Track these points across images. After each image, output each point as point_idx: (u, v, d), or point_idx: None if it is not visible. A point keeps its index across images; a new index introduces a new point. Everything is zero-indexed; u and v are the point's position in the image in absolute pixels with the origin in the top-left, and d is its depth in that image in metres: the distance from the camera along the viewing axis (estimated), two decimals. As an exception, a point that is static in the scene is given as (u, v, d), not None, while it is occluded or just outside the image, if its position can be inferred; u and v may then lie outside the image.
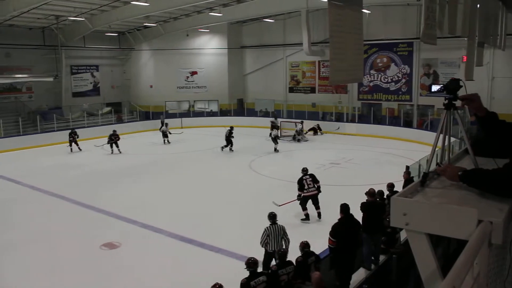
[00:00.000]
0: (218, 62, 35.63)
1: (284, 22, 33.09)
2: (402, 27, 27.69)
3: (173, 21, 32.27)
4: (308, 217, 12.51)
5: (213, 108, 36.02)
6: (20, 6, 22.43)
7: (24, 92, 31.01)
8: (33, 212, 14.26)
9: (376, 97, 29.89)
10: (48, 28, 30.13)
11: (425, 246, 2.12)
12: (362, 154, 22.24)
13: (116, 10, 26.80)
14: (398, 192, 2.34)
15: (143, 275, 9.49)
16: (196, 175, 18.72)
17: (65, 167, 20.73)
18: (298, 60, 33.30)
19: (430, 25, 6.16)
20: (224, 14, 28.36)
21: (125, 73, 37.18)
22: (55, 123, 29.36)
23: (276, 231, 8.59)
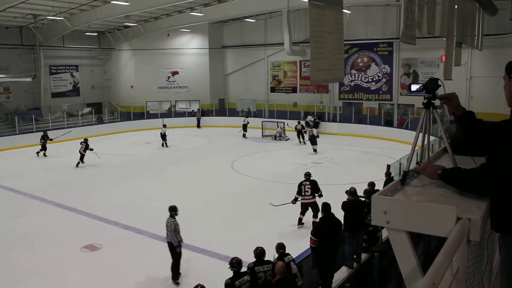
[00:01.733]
0: (200, 62, 35.51)
1: (266, 22, 33.14)
2: (382, 27, 27.98)
3: (154, 21, 32.07)
4: (299, 222, 11.99)
5: (194, 108, 35.86)
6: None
7: (1, 92, 30.44)
8: (12, 214, 14.01)
9: (357, 96, 30.13)
10: (25, 27, 29.66)
11: (406, 244, 2.14)
12: (343, 153, 22.40)
13: (96, 10, 26.52)
14: (379, 191, 2.35)
15: (125, 277, 9.41)
16: (177, 175, 18.63)
17: (45, 169, 20.43)
18: (280, 60, 33.38)
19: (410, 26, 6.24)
20: (205, 14, 28.30)
21: (105, 73, 36.83)
22: (34, 124, 28.89)
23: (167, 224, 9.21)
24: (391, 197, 2.27)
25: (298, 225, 11.94)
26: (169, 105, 35.85)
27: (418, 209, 2.11)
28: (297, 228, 11.78)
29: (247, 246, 7.61)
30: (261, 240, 7.78)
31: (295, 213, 12.77)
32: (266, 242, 7.48)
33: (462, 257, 1.85)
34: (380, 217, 2.18)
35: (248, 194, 15.53)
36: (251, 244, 7.61)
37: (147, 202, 14.75)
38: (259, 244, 7.17)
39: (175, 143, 26.50)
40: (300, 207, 11.98)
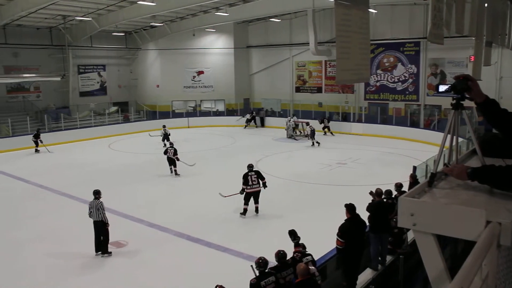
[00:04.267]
0: (225, 61, 35.64)
1: (291, 21, 33.05)
2: (409, 27, 27.59)
3: (180, 21, 32.34)
4: (245, 212, 12.94)
5: (219, 108, 36.06)
6: (28, 7, 22.57)
7: (32, 91, 31.24)
8: (41, 210, 14.34)
9: (383, 97, 29.80)
10: (55, 28, 30.30)
11: (433, 246, 2.11)
12: (368, 154, 22.18)
13: (123, 10, 26.89)
14: (406, 193, 2.32)
15: (149, 274, 9.52)
16: (201, 174, 18.72)
17: (72, 166, 20.80)
18: (305, 59, 33.25)
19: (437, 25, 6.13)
20: (230, 13, 28.38)
21: (131, 72, 37.32)
22: (63, 122, 29.53)
23: (94, 205, 10.44)
24: (418, 199, 2.24)
25: (243, 216, 12.88)
26: (194, 104, 36.10)
27: (446, 211, 2.08)
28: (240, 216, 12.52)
29: (270, 246, 7.60)
30: (283, 240, 7.75)
31: (320, 214, 12.75)
32: (286, 242, 7.45)
33: (492, 262, 1.81)
34: (406, 219, 2.15)
35: (272, 193, 15.49)
36: (274, 243, 7.60)
37: (172, 200, 14.89)
38: (281, 244, 7.15)
39: (200, 143, 26.66)
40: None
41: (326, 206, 13.60)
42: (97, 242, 10.51)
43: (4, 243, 11.46)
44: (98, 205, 10.47)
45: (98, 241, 10.51)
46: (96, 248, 10.49)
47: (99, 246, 10.50)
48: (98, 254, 10.46)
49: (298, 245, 7.34)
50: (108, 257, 10.41)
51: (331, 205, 13.17)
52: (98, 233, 10.50)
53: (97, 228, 10.49)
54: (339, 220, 7.74)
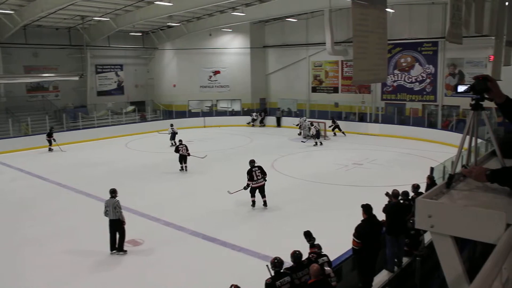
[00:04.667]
0: (241, 61, 35.69)
1: (307, 21, 32.95)
2: (426, 26, 27.29)
3: (196, 21, 32.47)
4: (254, 204, 13.70)
5: (235, 108, 36.14)
6: (48, 7, 22.89)
7: (51, 91, 31.70)
8: (58, 208, 14.54)
9: (400, 97, 29.53)
10: (74, 28, 30.68)
11: (451, 249, 2.09)
12: (385, 154, 22.02)
13: (140, 10, 27.10)
14: (423, 194, 2.30)
15: (165, 272, 9.58)
16: (218, 174, 18.78)
17: (89, 164, 21.02)
18: (321, 59, 33.12)
19: (456, 24, 6.06)
20: (247, 13, 28.41)
21: (148, 72, 37.60)
22: (80, 121, 29.91)
23: (110, 203, 10.51)
24: (436, 200, 2.21)
25: (253, 207, 13.65)
26: (210, 104, 36.25)
27: (464, 213, 2.05)
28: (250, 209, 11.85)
29: (285, 246, 7.59)
30: (299, 241, 7.73)
31: (336, 215, 12.70)
32: (303, 243, 7.43)
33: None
34: (424, 220, 2.13)
35: (288, 193, 15.50)
36: (289, 244, 7.59)
37: (188, 199, 14.96)
38: (297, 245, 7.13)
39: (216, 142, 26.74)
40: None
41: (342, 206, 13.55)
42: (112, 241, 10.56)
43: (22, 240, 11.63)
44: (115, 204, 10.51)
45: (113, 240, 10.56)
46: (111, 247, 10.54)
47: (114, 244, 10.56)
48: (113, 252, 10.52)
49: (313, 246, 7.32)
50: (123, 255, 10.48)
51: (347, 206, 13.11)
52: (113, 231, 10.55)
53: (113, 227, 10.55)
54: (356, 221, 7.70)
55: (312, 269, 6.19)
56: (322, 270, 6.34)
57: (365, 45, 6.02)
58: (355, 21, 5.66)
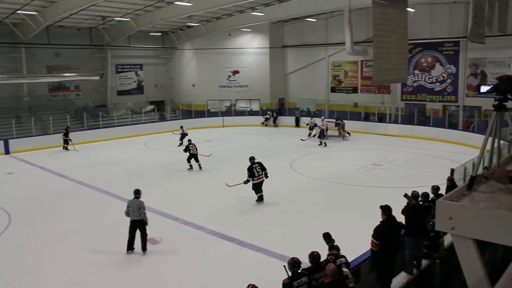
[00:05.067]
0: (260, 61, 35.70)
1: (327, 21, 32.81)
2: (448, 26, 26.92)
3: (216, 21, 32.58)
4: (261, 199, 14.14)
5: (254, 108, 36.16)
6: (70, 8, 23.21)
7: (72, 90, 32.17)
8: (79, 206, 14.73)
9: (420, 97, 29.19)
10: (95, 28, 31.07)
11: (472, 252, 2.06)
12: (404, 155, 21.80)
13: (160, 10, 27.30)
14: (444, 196, 2.27)
15: (183, 271, 9.63)
16: (236, 173, 18.78)
17: (109, 163, 21.25)
18: (340, 59, 32.94)
19: (479, 24, 5.96)
20: (266, 13, 28.41)
21: (168, 72, 37.88)
22: (101, 120, 30.29)
23: (134, 204, 10.42)
24: (457, 202, 2.18)
25: (261, 202, 14.06)
26: (229, 103, 36.35)
27: (486, 216, 2.02)
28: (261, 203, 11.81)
29: (303, 247, 7.56)
30: (317, 241, 7.70)
31: (354, 216, 12.63)
32: (320, 243, 7.39)
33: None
34: (445, 222, 2.11)
35: (306, 194, 15.47)
36: (307, 244, 7.56)
37: (205, 198, 15.01)
38: (314, 245, 7.10)
39: (234, 142, 26.79)
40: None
41: (361, 207, 13.46)
42: (130, 241, 10.51)
43: (42, 237, 11.82)
44: (140, 205, 10.46)
45: (131, 240, 10.51)
46: (128, 247, 10.51)
47: (131, 244, 10.52)
48: (129, 252, 10.51)
49: (332, 248, 7.28)
50: (142, 255, 10.50)
51: (366, 207, 13.03)
52: (134, 232, 10.49)
53: (134, 227, 10.47)
54: (374, 222, 7.63)
55: (328, 269, 6.17)
56: (338, 270, 6.30)
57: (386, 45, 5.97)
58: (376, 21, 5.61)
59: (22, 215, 13.77)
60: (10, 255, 10.75)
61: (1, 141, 24.47)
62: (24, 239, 11.73)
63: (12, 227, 12.74)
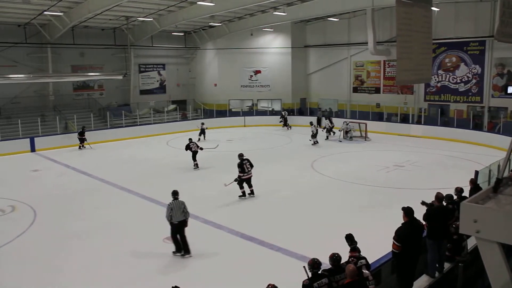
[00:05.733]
0: (282, 61, 35.67)
1: (349, 21, 32.60)
2: (473, 25, 26.47)
3: (238, 21, 32.65)
4: (245, 194, 14.84)
5: (276, 107, 36.14)
6: (94, 8, 23.56)
7: (96, 89, 32.69)
8: (102, 203, 14.96)
9: (444, 98, 28.78)
10: (118, 28, 31.48)
11: (498, 256, 2.01)
12: (427, 157, 21.50)
13: (183, 10, 27.50)
14: (468, 198, 2.23)
15: (202, 269, 9.69)
16: (256, 173, 18.78)
17: (132, 161, 21.50)
18: (363, 59, 32.69)
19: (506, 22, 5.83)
20: (288, 13, 28.35)
21: (190, 71, 38.15)
22: (123, 119, 30.67)
23: (177, 205, 10.28)
24: (482, 205, 2.14)
25: (244, 196, 14.78)
26: (251, 103, 36.41)
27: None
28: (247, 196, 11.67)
29: (323, 248, 7.52)
30: (338, 242, 7.65)
31: (376, 217, 12.53)
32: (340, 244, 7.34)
33: None
34: (469, 225, 2.07)
35: (327, 194, 15.40)
36: (328, 245, 7.52)
37: (226, 198, 15.03)
38: (336, 247, 7.05)
39: (256, 142, 26.83)
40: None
41: (383, 208, 13.34)
42: (178, 242, 10.37)
43: (67, 233, 12.03)
44: (183, 205, 10.39)
45: (178, 241, 10.37)
46: (179, 249, 10.39)
47: (180, 245, 10.39)
48: (179, 254, 10.39)
49: (354, 250, 7.21)
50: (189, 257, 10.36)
51: (387, 208, 12.93)
52: (179, 232, 10.33)
53: (180, 228, 10.32)
54: (396, 224, 7.55)
55: (348, 269, 6.12)
56: (358, 271, 6.25)
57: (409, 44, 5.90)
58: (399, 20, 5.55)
59: (46, 211, 14.06)
60: (35, 251, 10.97)
61: (27, 139, 25.00)
62: (49, 235, 11.97)
63: (37, 224, 13.01)
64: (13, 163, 22.27)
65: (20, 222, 13.04)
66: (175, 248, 10.41)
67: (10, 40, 26.52)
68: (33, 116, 27.36)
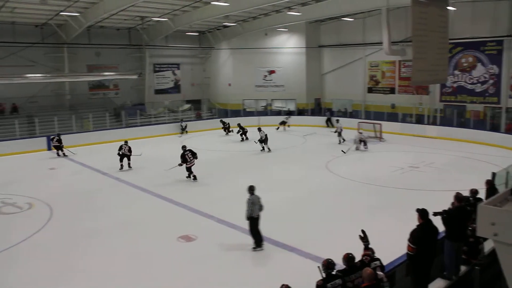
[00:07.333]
0: (296, 61, 35.61)
1: (364, 20, 32.42)
2: (491, 24, 26.13)
3: (252, 21, 32.67)
4: (195, 178, 17.50)
5: (290, 107, 36.10)
6: (110, 9, 23.76)
7: (111, 89, 32.99)
8: (117, 202, 15.09)
9: (460, 98, 28.46)
10: (133, 28, 31.72)
11: (516, 259, 1.99)
12: (443, 158, 21.28)
13: (197, 10, 27.59)
14: (486, 200, 2.20)
15: (216, 269, 9.70)
16: (271, 173, 18.82)
17: (147, 160, 21.61)
18: (378, 59, 32.49)
19: (525, 23, 5.77)
20: (303, 13, 28.28)
21: (204, 71, 38.26)
22: (138, 118, 30.89)
23: (256, 199, 10.54)
24: (500, 207, 2.12)
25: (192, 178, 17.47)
26: (265, 103, 36.40)
27: (531, 222, 1.95)
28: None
29: (337, 248, 7.49)
30: (351, 243, 7.62)
31: (390, 218, 12.45)
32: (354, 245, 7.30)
33: None
34: (487, 228, 2.05)
35: (341, 195, 15.33)
36: (342, 246, 7.48)
37: (240, 198, 15.00)
38: (349, 247, 7.02)
39: (270, 142, 26.76)
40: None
41: (397, 210, 13.25)
42: (259, 236, 10.58)
43: (82, 231, 12.15)
44: (259, 199, 10.59)
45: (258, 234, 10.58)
46: (258, 243, 10.57)
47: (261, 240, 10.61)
48: (258, 249, 10.54)
49: (367, 248, 7.18)
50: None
51: (402, 209, 12.81)
52: (258, 226, 10.56)
53: (258, 222, 10.56)
54: (410, 225, 7.49)
55: (365, 273, 6.08)
56: (375, 274, 6.21)
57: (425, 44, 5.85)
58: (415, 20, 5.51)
59: (63, 209, 14.23)
60: (51, 248, 11.10)
61: (44, 138, 25.31)
62: (65, 233, 12.12)
63: (53, 221, 13.18)
64: (30, 161, 22.59)
65: (37, 219, 13.22)
66: (255, 243, 10.55)
67: (28, 40, 26.86)
68: (50, 115, 27.69)
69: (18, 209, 14.39)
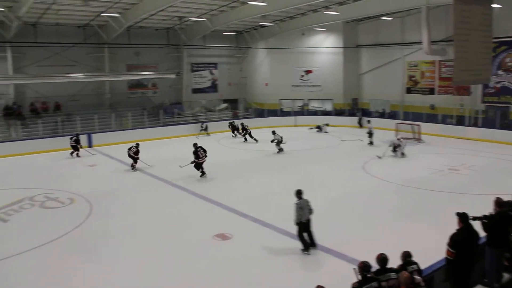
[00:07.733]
0: (333, 61, 35.32)
1: (403, 19, 31.83)
2: (538, 22, 25.17)
3: (289, 20, 32.60)
4: (204, 173, 18.01)
5: (327, 107, 35.85)
6: (149, 9, 24.22)
7: (150, 88, 33.61)
8: (153, 200, 15.35)
9: (503, 99, 27.54)
10: (172, 28, 32.22)
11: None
12: (484, 160, 20.64)
13: (234, 10, 27.75)
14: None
15: (251, 268, 9.72)
16: (307, 173, 18.72)
17: (183, 159, 21.83)
18: (417, 59, 31.83)
19: None
20: (340, 12, 28.01)
21: (241, 71, 38.45)
22: (176, 117, 31.38)
23: (304, 203, 10.33)
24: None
25: (205, 176, 17.97)
26: (302, 103, 36.29)
27: None
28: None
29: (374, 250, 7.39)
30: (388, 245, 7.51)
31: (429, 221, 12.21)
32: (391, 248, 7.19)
33: None
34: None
35: (379, 197, 15.09)
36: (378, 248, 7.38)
37: (276, 197, 15.03)
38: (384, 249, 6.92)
39: (306, 142, 26.73)
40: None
41: (436, 213, 12.94)
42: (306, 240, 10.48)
43: (119, 227, 12.45)
44: (308, 203, 10.47)
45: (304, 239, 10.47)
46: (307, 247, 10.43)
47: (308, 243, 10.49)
48: (306, 252, 10.37)
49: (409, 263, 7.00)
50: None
51: (441, 213, 12.53)
52: (305, 231, 10.44)
53: (306, 227, 10.43)
54: (450, 229, 7.32)
55: (402, 277, 5.98)
56: (412, 278, 6.09)
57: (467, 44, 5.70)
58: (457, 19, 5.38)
59: (102, 205, 14.62)
60: (90, 242, 11.41)
61: (85, 135, 26.02)
62: (104, 228, 12.44)
63: (93, 216, 13.55)
64: (72, 158, 23.26)
65: (78, 214, 13.63)
66: (304, 246, 10.41)
67: (71, 40, 27.70)
68: (90, 113, 28.46)
69: (61, 204, 14.86)
